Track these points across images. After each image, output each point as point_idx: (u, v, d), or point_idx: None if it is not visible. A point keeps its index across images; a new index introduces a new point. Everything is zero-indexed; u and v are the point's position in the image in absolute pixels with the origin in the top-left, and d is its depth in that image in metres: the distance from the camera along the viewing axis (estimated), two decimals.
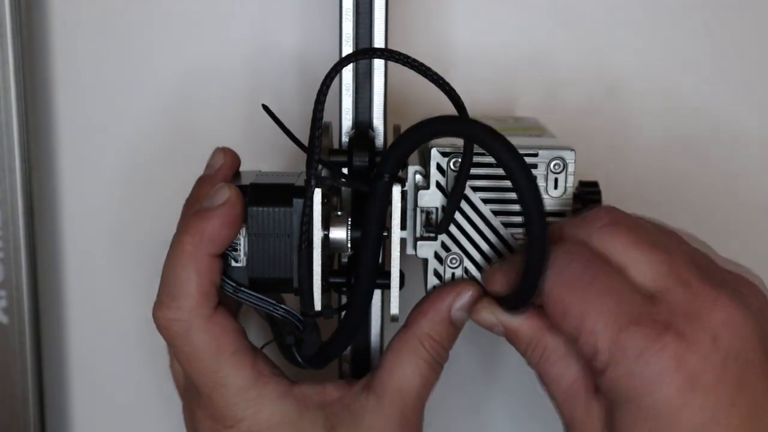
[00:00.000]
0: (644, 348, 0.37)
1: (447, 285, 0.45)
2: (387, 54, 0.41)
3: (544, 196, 0.45)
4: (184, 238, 0.42)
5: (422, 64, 0.41)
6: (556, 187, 0.45)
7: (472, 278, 0.45)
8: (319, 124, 0.41)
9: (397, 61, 0.41)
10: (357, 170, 0.47)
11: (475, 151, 0.43)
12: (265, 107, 0.44)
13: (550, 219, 0.44)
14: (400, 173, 0.44)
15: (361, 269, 0.42)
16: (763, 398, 0.37)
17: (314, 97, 0.41)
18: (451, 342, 0.45)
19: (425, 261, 0.45)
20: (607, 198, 0.48)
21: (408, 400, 0.44)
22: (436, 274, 0.45)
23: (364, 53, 0.42)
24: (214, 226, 0.42)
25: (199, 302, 0.42)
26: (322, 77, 0.41)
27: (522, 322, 0.43)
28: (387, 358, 0.45)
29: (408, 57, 0.41)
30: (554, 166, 0.44)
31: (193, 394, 0.46)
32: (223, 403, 0.44)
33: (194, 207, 0.44)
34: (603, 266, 0.40)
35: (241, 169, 0.48)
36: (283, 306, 0.44)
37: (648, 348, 0.37)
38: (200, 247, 0.42)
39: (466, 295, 0.44)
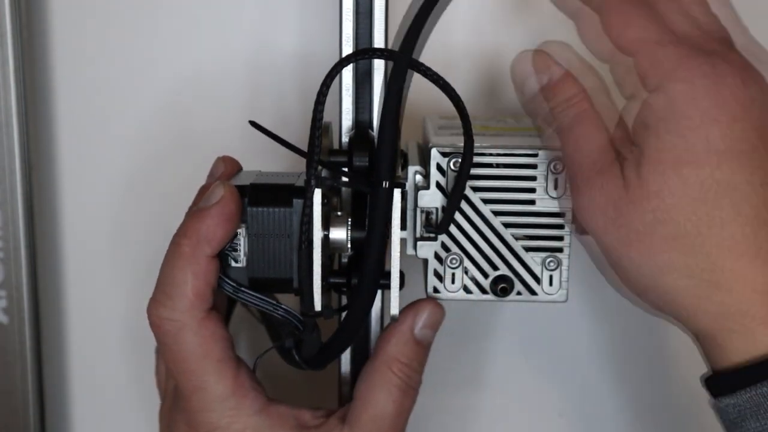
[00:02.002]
0: (684, 64, 0.39)
1: (405, 307, 0.45)
2: (387, 54, 0.41)
3: (544, 196, 0.45)
4: (181, 240, 0.43)
5: (422, 64, 0.41)
6: (556, 187, 0.45)
7: (472, 278, 0.45)
8: (319, 125, 0.41)
9: (386, 60, 0.41)
10: (357, 170, 0.47)
11: (475, 152, 0.43)
12: (253, 123, 0.44)
13: None
14: (400, 172, 0.44)
15: (365, 275, 0.42)
16: None
17: (314, 97, 0.41)
18: (421, 363, 0.46)
19: (425, 261, 0.45)
20: None
21: (383, 429, 0.45)
22: (436, 274, 0.45)
23: (364, 53, 0.42)
24: (209, 226, 0.42)
25: (193, 303, 0.43)
26: (322, 77, 0.41)
27: (578, 79, 0.44)
28: (359, 389, 0.45)
29: (407, 57, 0.41)
30: (554, 166, 0.44)
31: (173, 397, 0.46)
32: (200, 407, 0.44)
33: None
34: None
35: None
36: (283, 306, 0.44)
37: (687, 64, 0.39)
38: (197, 248, 0.42)
39: (425, 313, 0.45)
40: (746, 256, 0.38)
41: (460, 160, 0.43)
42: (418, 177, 0.45)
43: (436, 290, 0.45)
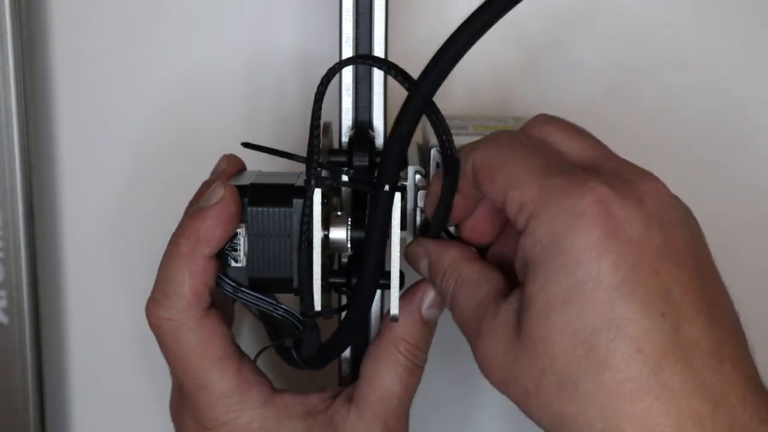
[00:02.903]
0: (570, 191, 0.35)
1: (411, 287, 0.45)
2: (371, 61, 0.41)
3: None
4: (180, 239, 0.43)
5: (400, 70, 0.41)
6: None
7: None
8: (317, 123, 0.41)
9: (380, 69, 0.41)
10: (357, 170, 0.47)
11: None
12: (246, 144, 0.44)
13: None
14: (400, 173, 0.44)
15: (364, 275, 0.42)
16: (684, 273, 0.35)
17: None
18: (427, 343, 0.45)
19: None
20: None
21: (390, 408, 0.44)
22: None
23: (364, 58, 0.42)
24: (208, 226, 0.42)
25: (191, 303, 0.43)
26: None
27: (446, 252, 0.42)
28: (365, 368, 0.45)
29: (392, 64, 0.41)
30: None
31: (179, 394, 0.46)
32: (204, 405, 0.44)
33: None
34: (533, 139, 0.39)
35: None
36: (283, 306, 0.44)
37: (573, 191, 0.35)
38: (196, 248, 0.42)
39: (431, 292, 0.44)
40: (647, 398, 0.33)
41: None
42: (418, 177, 0.45)
43: None
